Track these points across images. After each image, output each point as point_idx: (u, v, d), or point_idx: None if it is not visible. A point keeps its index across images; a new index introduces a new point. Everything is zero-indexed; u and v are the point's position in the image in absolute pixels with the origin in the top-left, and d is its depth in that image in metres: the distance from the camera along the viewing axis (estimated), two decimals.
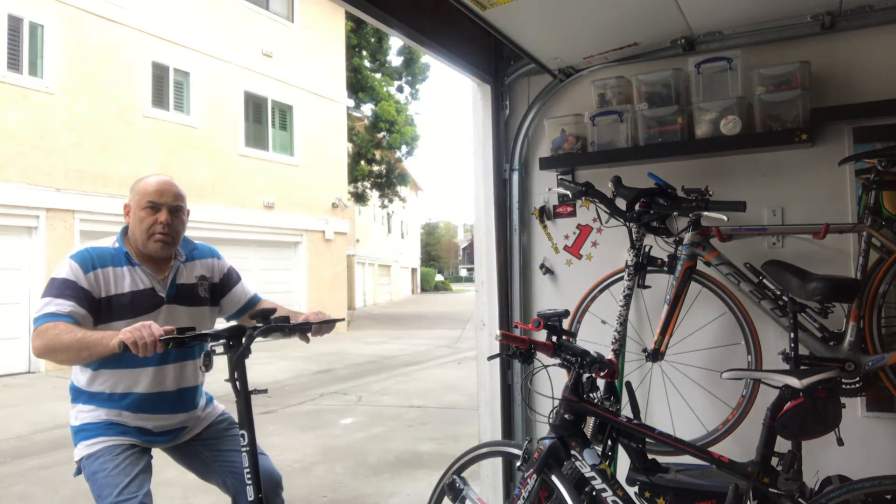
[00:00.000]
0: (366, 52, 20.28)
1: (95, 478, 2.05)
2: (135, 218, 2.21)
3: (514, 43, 2.72)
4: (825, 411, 1.92)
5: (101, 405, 2.16)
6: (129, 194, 2.26)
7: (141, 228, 2.19)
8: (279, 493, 2.28)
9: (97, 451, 2.09)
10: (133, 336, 1.84)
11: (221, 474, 2.27)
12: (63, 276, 2.09)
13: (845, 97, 2.54)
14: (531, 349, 2.07)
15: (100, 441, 2.11)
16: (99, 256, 2.16)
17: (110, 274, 2.16)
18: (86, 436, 2.13)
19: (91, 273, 2.11)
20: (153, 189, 2.21)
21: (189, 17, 13.44)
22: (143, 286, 2.19)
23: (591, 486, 2.01)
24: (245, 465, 2.02)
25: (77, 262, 2.12)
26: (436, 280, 51.37)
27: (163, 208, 2.21)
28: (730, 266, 2.45)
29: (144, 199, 2.20)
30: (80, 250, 2.18)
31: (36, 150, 10.58)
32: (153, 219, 2.19)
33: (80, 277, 2.09)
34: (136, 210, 2.21)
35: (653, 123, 2.76)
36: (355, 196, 21.09)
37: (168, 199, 2.23)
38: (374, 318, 22.29)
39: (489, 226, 3.17)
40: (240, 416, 2.05)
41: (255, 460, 2.03)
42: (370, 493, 4.54)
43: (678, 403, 2.69)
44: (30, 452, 5.66)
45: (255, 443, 2.05)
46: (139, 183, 2.25)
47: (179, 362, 2.24)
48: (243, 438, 2.03)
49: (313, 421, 6.88)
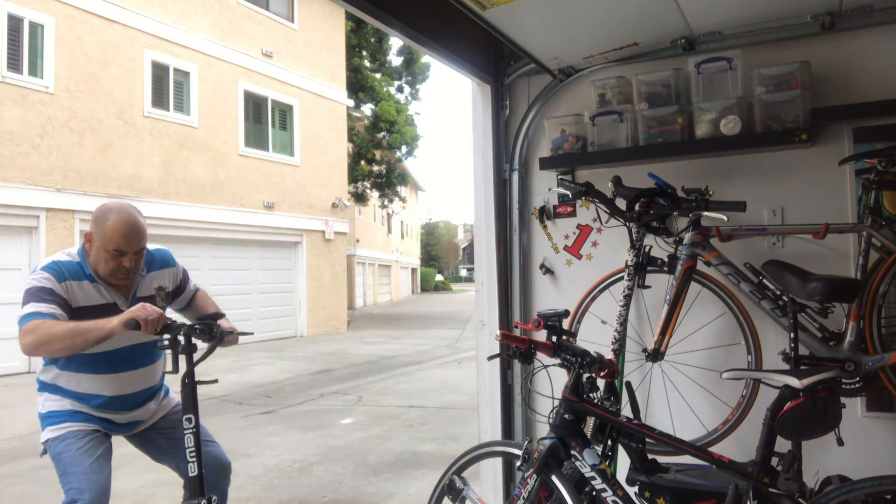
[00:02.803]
0: (366, 52, 20.28)
1: (60, 458, 2.18)
2: (98, 255, 2.25)
3: (514, 43, 2.72)
4: (825, 411, 1.92)
5: (66, 396, 2.30)
6: (93, 225, 2.26)
7: (105, 267, 2.25)
8: (227, 476, 2.47)
9: (62, 434, 2.23)
10: (143, 314, 2.05)
11: (175, 459, 2.43)
12: (40, 284, 2.18)
13: (845, 97, 2.54)
14: (531, 349, 2.07)
15: (65, 426, 2.25)
16: (67, 269, 2.24)
17: (76, 287, 2.24)
18: (52, 422, 2.27)
19: (64, 283, 2.21)
20: (120, 237, 2.21)
21: (189, 17, 13.45)
22: (106, 301, 2.29)
23: (591, 486, 2.01)
24: (189, 446, 2.21)
25: (50, 272, 2.21)
26: (436, 280, 51.38)
27: (128, 254, 2.25)
28: (730, 266, 2.45)
29: (110, 245, 2.22)
30: (47, 263, 2.26)
31: (36, 150, 10.58)
32: (117, 262, 2.24)
33: (56, 286, 2.19)
34: (100, 249, 2.24)
35: (653, 123, 2.76)
36: (355, 196, 21.09)
37: (134, 246, 2.26)
38: (374, 318, 22.29)
39: (489, 226, 3.17)
40: (184, 402, 2.24)
41: (198, 441, 2.23)
42: (370, 493, 4.54)
43: (678, 403, 2.69)
44: (30, 452, 5.66)
45: (199, 426, 2.25)
46: (105, 223, 2.22)
47: (144, 367, 2.40)
48: (189, 422, 2.22)
49: (313, 421, 6.88)
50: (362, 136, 20.58)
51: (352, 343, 14.59)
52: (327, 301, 17.01)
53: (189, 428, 2.23)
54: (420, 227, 52.69)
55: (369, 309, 27.10)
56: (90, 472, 2.15)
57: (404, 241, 40.09)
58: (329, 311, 17.05)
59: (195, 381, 2.25)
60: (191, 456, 2.22)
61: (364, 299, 28.44)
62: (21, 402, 8.12)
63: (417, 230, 49.06)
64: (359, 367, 10.99)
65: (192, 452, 2.22)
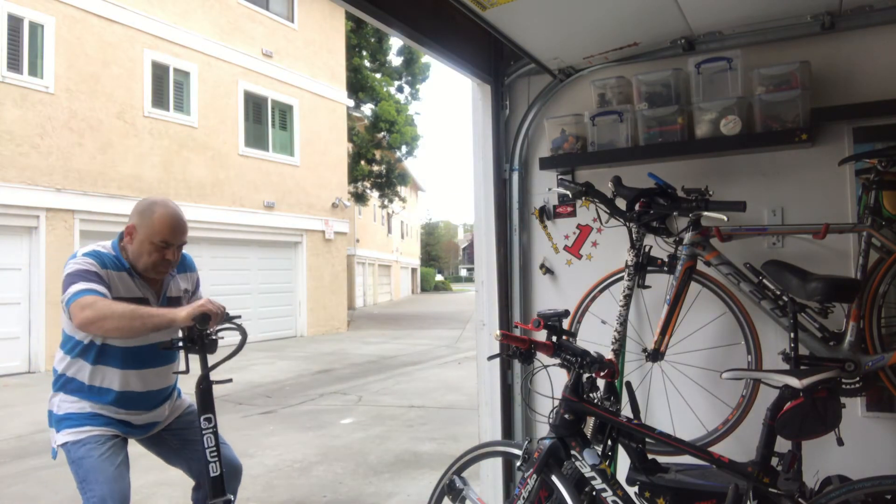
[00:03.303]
0: (366, 52, 20.28)
1: (81, 463, 2.15)
2: (141, 248, 2.25)
3: (514, 43, 2.72)
4: (825, 411, 1.92)
5: (85, 398, 2.26)
6: (137, 218, 2.27)
7: (147, 260, 2.26)
8: (238, 477, 2.48)
9: (83, 438, 2.19)
10: (213, 307, 2.11)
11: (187, 461, 2.44)
12: (85, 267, 2.16)
13: (845, 97, 2.54)
14: (531, 349, 2.07)
15: (86, 430, 2.21)
16: (107, 259, 2.24)
17: (116, 277, 2.23)
18: (71, 424, 2.22)
19: (104, 271, 2.20)
20: (168, 229, 2.26)
21: (189, 17, 13.45)
22: (140, 295, 2.28)
23: (591, 486, 2.01)
24: (209, 446, 2.21)
25: (92, 258, 2.19)
26: (436, 280, 51.38)
27: (172, 247, 2.28)
28: (730, 266, 2.45)
29: (158, 237, 2.25)
30: (88, 251, 2.23)
31: (36, 150, 10.58)
32: (161, 255, 2.27)
33: (100, 271, 2.18)
34: (144, 241, 2.25)
35: (653, 123, 2.75)
36: (355, 196, 21.09)
37: (180, 239, 2.30)
38: (374, 318, 22.29)
39: (489, 226, 3.17)
40: (202, 403, 2.25)
41: (218, 441, 2.24)
42: (370, 493, 4.54)
43: (678, 403, 2.69)
44: (30, 452, 5.66)
45: (217, 425, 2.26)
46: (152, 215, 2.25)
47: (165, 366, 2.39)
48: (208, 422, 2.23)
49: (313, 421, 6.88)
50: (362, 136, 20.58)
51: (352, 343, 14.59)
52: (327, 301, 17.00)
53: (209, 428, 2.23)
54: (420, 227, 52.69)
55: (369, 309, 27.10)
56: (113, 480, 2.12)
57: (404, 241, 40.09)
58: (329, 311, 17.05)
59: (210, 381, 2.25)
60: (212, 456, 2.22)
61: (364, 299, 28.44)
62: (21, 402, 8.12)
63: (417, 230, 49.06)
64: (359, 367, 10.99)
65: (212, 452, 2.22)
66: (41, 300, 10.50)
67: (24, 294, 10.50)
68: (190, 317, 2.08)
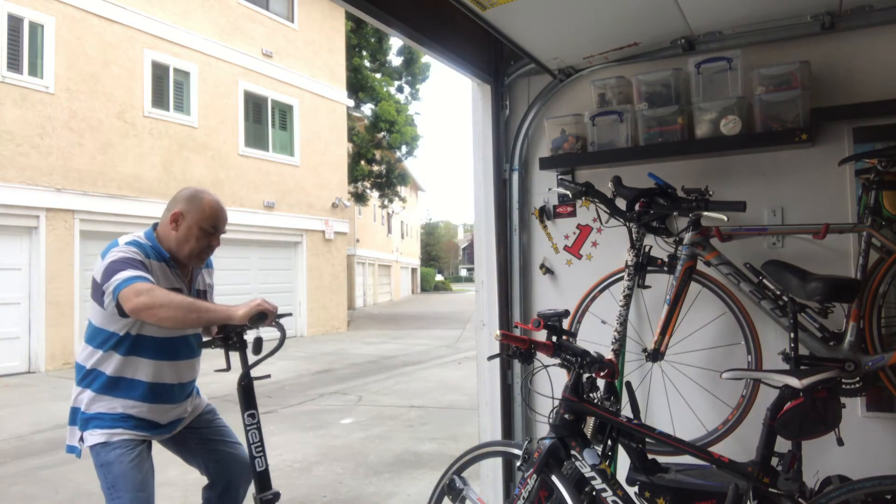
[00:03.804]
0: (366, 52, 20.28)
1: (111, 468, 2.14)
2: (189, 233, 2.27)
3: (514, 43, 2.72)
4: (825, 411, 1.92)
5: (115, 395, 2.22)
6: (184, 205, 2.29)
7: (194, 245, 2.28)
8: (250, 478, 2.43)
9: (114, 442, 2.18)
10: (269, 306, 2.15)
11: (205, 460, 2.44)
12: (131, 256, 2.16)
13: (845, 97, 2.54)
14: (531, 349, 2.07)
15: (117, 433, 2.19)
16: (146, 249, 2.24)
17: (157, 267, 2.24)
18: (101, 424, 2.20)
19: (148, 260, 2.21)
20: (218, 214, 2.32)
21: (189, 17, 13.45)
22: (176, 286, 2.29)
23: (591, 486, 2.01)
24: (254, 441, 2.24)
25: (135, 248, 2.19)
26: (436, 280, 51.37)
27: (218, 233, 2.32)
28: (730, 266, 2.45)
29: (208, 223, 2.29)
30: (130, 240, 2.23)
31: (36, 150, 10.58)
32: (206, 241, 2.30)
33: (144, 260, 2.19)
34: (193, 226, 2.27)
35: (653, 123, 2.75)
36: (355, 196, 21.09)
37: (224, 226, 2.34)
38: (374, 318, 22.29)
39: (489, 226, 3.17)
40: (244, 399, 2.28)
41: (262, 436, 2.26)
42: (370, 493, 4.54)
43: (678, 403, 2.69)
44: (30, 452, 5.67)
45: (260, 421, 2.28)
46: (201, 202, 2.29)
47: (192, 358, 2.40)
48: (252, 418, 2.26)
49: (313, 421, 6.88)
50: (362, 136, 20.58)
51: (352, 343, 14.59)
52: (327, 301, 17.00)
53: (252, 424, 2.25)
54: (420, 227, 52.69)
55: (369, 309, 27.09)
56: (139, 489, 2.14)
57: (404, 241, 40.09)
58: (329, 311, 17.04)
59: (251, 378, 2.27)
60: (257, 451, 2.24)
61: (364, 299, 28.44)
62: (21, 402, 8.12)
63: (417, 230, 49.06)
64: (359, 367, 10.99)
65: (257, 447, 2.24)
66: (41, 300, 10.51)
67: (24, 294, 10.50)
68: (247, 316, 2.11)
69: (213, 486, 2.45)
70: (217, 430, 2.49)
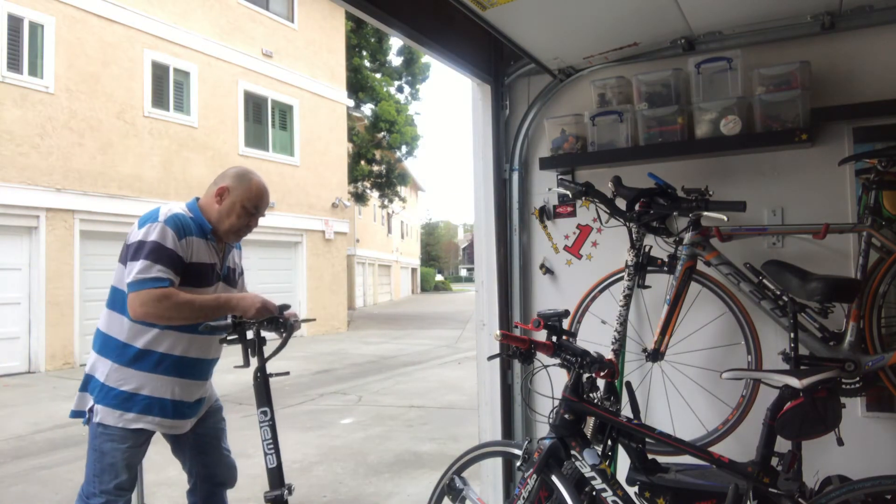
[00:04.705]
0: (366, 52, 20.27)
1: (102, 458, 2.16)
2: (231, 209, 2.31)
3: (514, 43, 2.72)
4: (825, 411, 1.92)
5: (143, 369, 2.20)
6: (232, 181, 2.33)
7: (232, 221, 2.32)
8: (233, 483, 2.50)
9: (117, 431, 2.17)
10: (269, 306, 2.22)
11: (190, 461, 2.44)
12: (161, 241, 2.15)
13: (845, 97, 2.54)
14: (531, 349, 2.06)
15: (124, 418, 2.18)
16: (186, 225, 2.24)
17: (194, 243, 2.25)
18: (113, 403, 2.18)
19: (183, 240, 2.21)
20: (263, 195, 2.37)
21: (189, 17, 13.45)
22: (212, 260, 2.33)
23: (591, 486, 2.01)
24: (266, 438, 2.25)
25: (172, 228, 2.19)
26: (436, 280, 51.37)
27: (258, 214, 2.37)
28: (730, 266, 2.45)
29: (251, 202, 2.33)
30: (169, 216, 2.22)
31: (36, 150, 10.58)
32: (248, 220, 2.35)
33: (176, 244, 2.18)
34: (237, 204, 2.31)
35: (653, 123, 2.75)
36: (355, 196, 21.09)
37: (265, 209, 2.39)
38: (374, 318, 22.29)
39: (489, 226, 3.17)
40: (258, 396, 2.30)
41: (275, 433, 2.27)
42: (370, 493, 4.54)
43: (678, 403, 2.69)
44: (30, 452, 5.66)
45: (274, 419, 2.30)
46: (250, 181, 2.34)
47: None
48: (265, 415, 2.28)
49: (313, 421, 6.88)
50: (362, 136, 20.58)
51: (352, 343, 14.59)
52: (327, 301, 17.00)
53: (266, 421, 2.27)
54: (420, 227, 52.69)
55: (369, 309, 27.09)
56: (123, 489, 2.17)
57: (404, 241, 40.09)
58: (329, 311, 17.04)
59: (267, 374, 2.29)
60: (269, 448, 2.25)
61: (364, 299, 28.44)
62: (21, 402, 8.12)
63: (417, 230, 49.06)
64: (359, 367, 10.99)
65: (269, 444, 2.25)
66: (41, 300, 10.51)
67: (24, 294, 10.50)
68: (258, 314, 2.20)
69: (196, 490, 2.45)
70: (216, 435, 2.49)
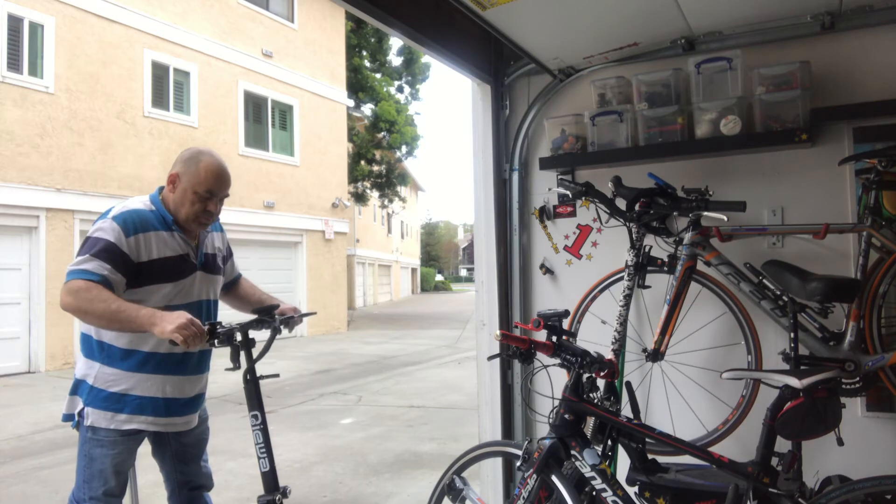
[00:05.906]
0: (366, 52, 20.28)
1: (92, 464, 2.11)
2: (183, 197, 2.18)
3: (514, 43, 2.72)
4: (825, 411, 1.92)
5: (129, 369, 2.13)
6: (181, 166, 2.20)
7: (187, 209, 2.18)
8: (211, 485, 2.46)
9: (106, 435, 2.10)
10: (185, 335, 1.93)
11: (170, 470, 2.34)
12: (104, 237, 2.05)
13: (845, 97, 2.54)
14: (531, 349, 2.06)
15: (115, 420, 2.11)
16: (141, 221, 2.13)
17: (152, 238, 2.14)
18: (103, 405, 2.11)
19: (132, 238, 2.09)
20: (214, 178, 2.20)
21: (189, 17, 13.44)
22: (181, 252, 2.20)
23: (591, 486, 2.01)
24: (258, 442, 2.20)
25: (120, 225, 2.08)
26: (436, 280, 51.38)
27: (215, 198, 2.22)
28: (730, 266, 2.45)
29: (202, 187, 2.18)
30: (122, 212, 2.12)
31: (36, 150, 10.58)
32: (203, 206, 2.19)
33: (122, 241, 2.06)
34: (187, 190, 2.17)
35: (653, 123, 2.75)
36: (355, 196, 21.09)
37: (223, 190, 2.24)
38: (374, 318, 22.29)
39: (489, 226, 3.17)
40: (249, 399, 2.23)
41: (267, 437, 2.21)
42: (370, 493, 4.54)
43: (678, 403, 2.69)
44: (30, 452, 5.66)
45: (266, 422, 2.22)
46: (198, 164, 2.18)
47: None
48: (255, 419, 2.21)
49: (313, 421, 6.88)
50: (362, 136, 20.58)
51: (352, 343, 14.59)
52: (327, 301, 17.00)
53: (257, 424, 2.21)
54: (420, 227, 52.68)
55: (369, 309, 27.09)
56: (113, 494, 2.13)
57: (404, 241, 40.09)
58: (329, 311, 17.04)
59: (257, 376, 2.23)
60: (261, 452, 2.20)
61: (364, 299, 28.44)
62: (21, 402, 8.12)
63: (417, 230, 49.06)
64: (359, 367, 10.99)
65: (262, 448, 2.20)
66: (41, 300, 10.50)
67: (24, 294, 10.50)
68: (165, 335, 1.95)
69: (176, 496, 2.38)
70: (198, 445, 2.41)
